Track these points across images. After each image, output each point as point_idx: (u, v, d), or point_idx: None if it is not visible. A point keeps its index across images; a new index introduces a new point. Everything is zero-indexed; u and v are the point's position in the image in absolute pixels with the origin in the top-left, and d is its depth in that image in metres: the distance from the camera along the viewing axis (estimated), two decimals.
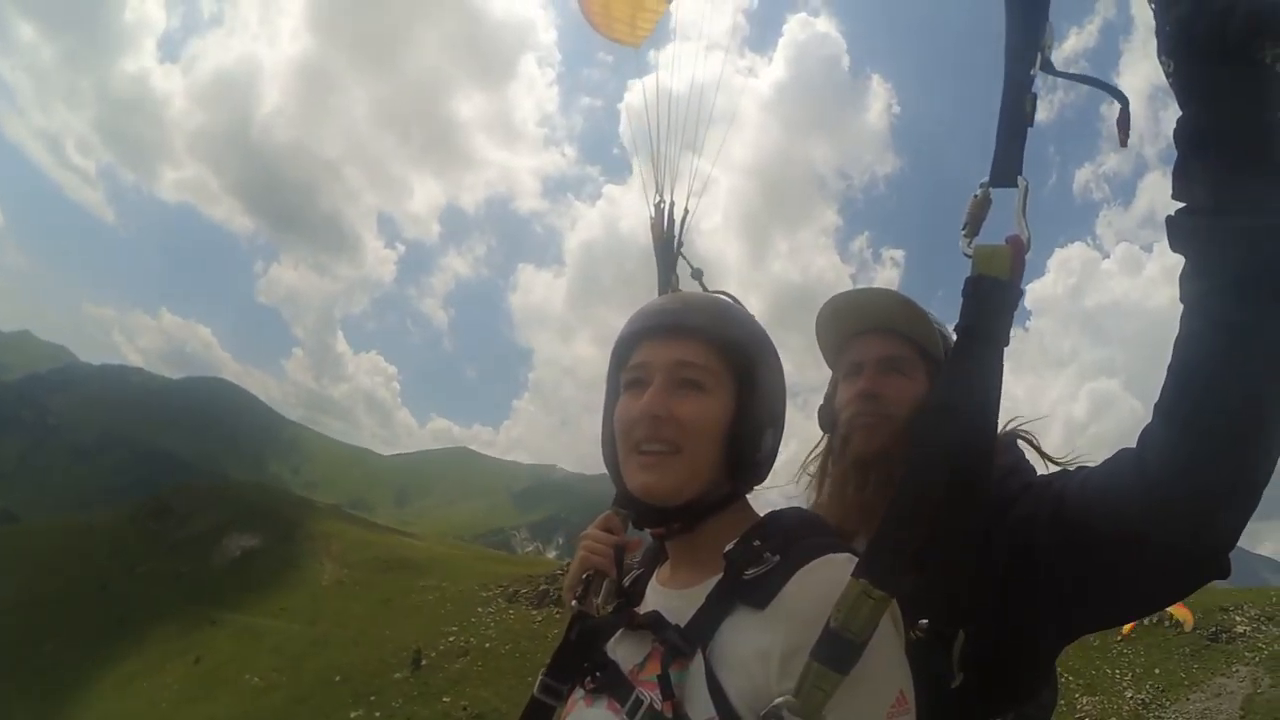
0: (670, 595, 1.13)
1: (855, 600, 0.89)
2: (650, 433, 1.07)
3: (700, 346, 1.10)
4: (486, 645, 41.55)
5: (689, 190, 2.40)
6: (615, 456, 1.15)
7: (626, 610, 1.17)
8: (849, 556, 0.99)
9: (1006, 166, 0.99)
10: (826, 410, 1.57)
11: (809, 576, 0.97)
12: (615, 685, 1.06)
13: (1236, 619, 27.89)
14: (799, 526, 1.08)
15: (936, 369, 1.46)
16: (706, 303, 1.18)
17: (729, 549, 1.04)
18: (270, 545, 65.04)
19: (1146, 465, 1.02)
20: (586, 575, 1.39)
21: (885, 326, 1.50)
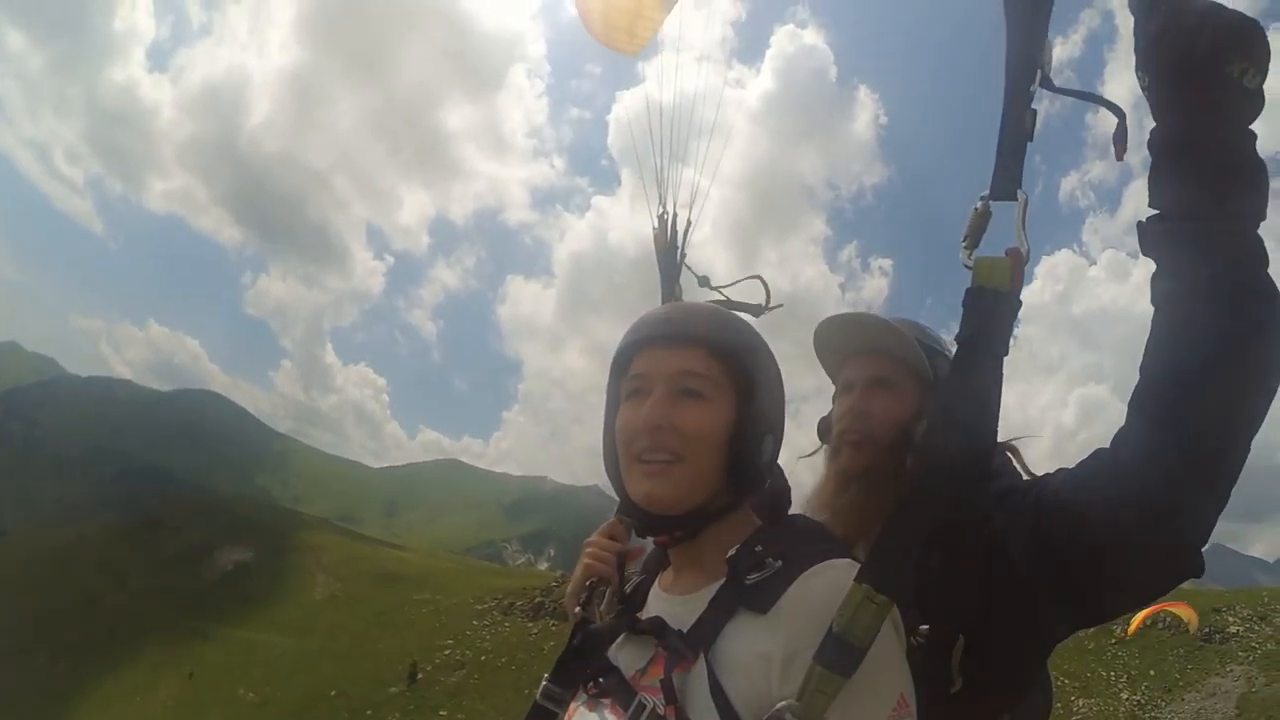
0: (672, 601, 1.13)
1: (858, 605, 0.90)
2: (652, 442, 1.07)
3: (700, 355, 1.10)
4: (482, 658, 41.27)
5: (691, 201, 2.39)
6: (617, 466, 1.16)
7: (629, 616, 1.18)
8: (850, 562, 1.01)
9: (1006, 181, 1.02)
10: (825, 422, 1.64)
11: (811, 581, 0.98)
12: (618, 690, 1.06)
13: (1229, 619, 28.10)
14: (801, 532, 1.10)
15: (923, 385, 1.53)
16: (705, 312, 1.18)
17: (731, 554, 1.04)
18: (262, 559, 64.48)
19: (1120, 463, 1.04)
20: (590, 583, 1.42)
21: (873, 348, 1.57)
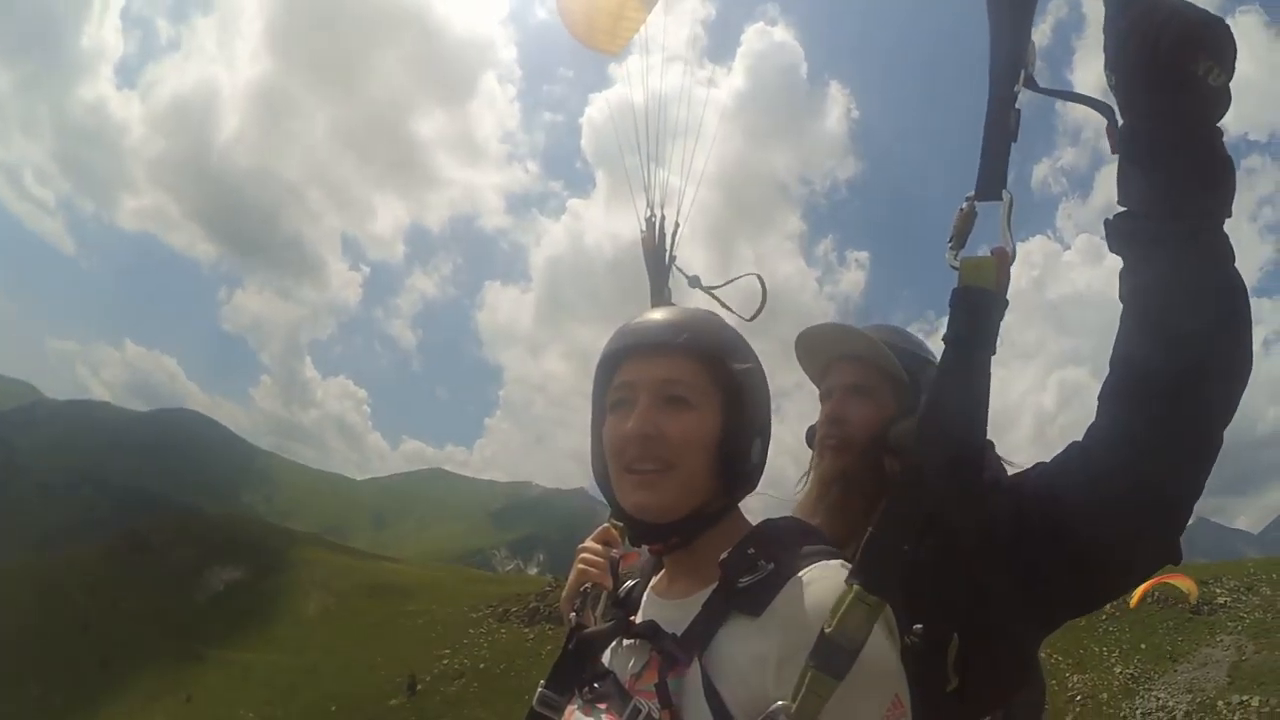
0: (666, 605, 1.14)
1: (850, 606, 0.90)
2: (641, 452, 1.07)
3: (685, 362, 1.10)
4: (481, 666, 41.25)
5: (679, 202, 2.41)
6: (607, 476, 1.15)
7: (623, 620, 1.18)
8: (842, 563, 1.01)
9: (992, 181, 1.02)
10: (811, 430, 1.68)
11: (803, 583, 0.98)
12: (614, 695, 1.06)
13: (1217, 591, 28.70)
14: (792, 534, 1.09)
15: (899, 388, 1.57)
16: (688, 317, 1.17)
17: (723, 558, 1.04)
18: (253, 577, 63.94)
19: (1091, 456, 1.05)
20: (584, 588, 1.45)
21: (849, 355, 1.62)
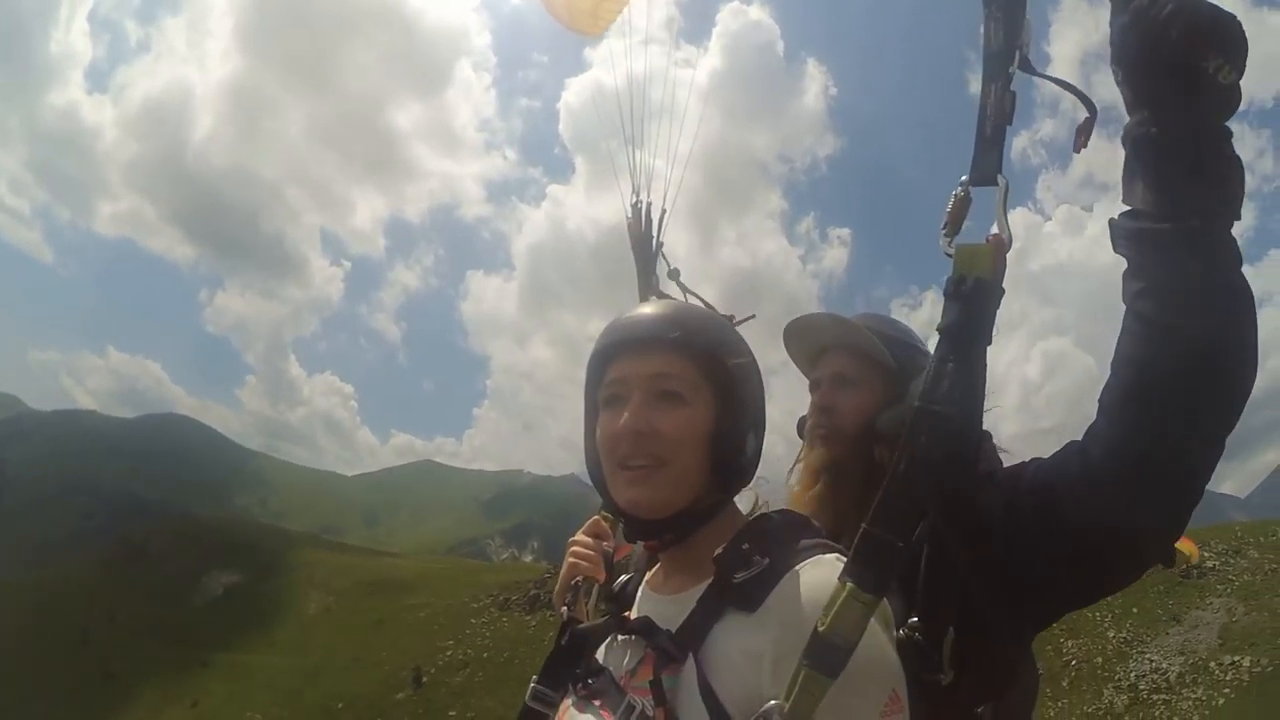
0: (661, 601, 1.12)
1: (843, 604, 0.88)
2: (634, 448, 1.06)
3: (676, 357, 1.08)
4: (485, 655, 41.53)
5: (665, 189, 2.37)
6: (601, 473, 1.15)
7: (617, 616, 1.17)
8: (838, 557, 1.00)
9: (987, 166, 0.99)
10: (802, 421, 1.69)
11: (799, 579, 0.97)
12: (607, 691, 1.05)
13: (1205, 555, 29.21)
14: (787, 529, 1.08)
15: (889, 377, 1.57)
16: (678, 312, 1.17)
17: (718, 553, 1.02)
18: (251, 579, 63.82)
19: (1089, 457, 1.03)
20: (575, 582, 1.44)
21: (833, 344, 1.63)
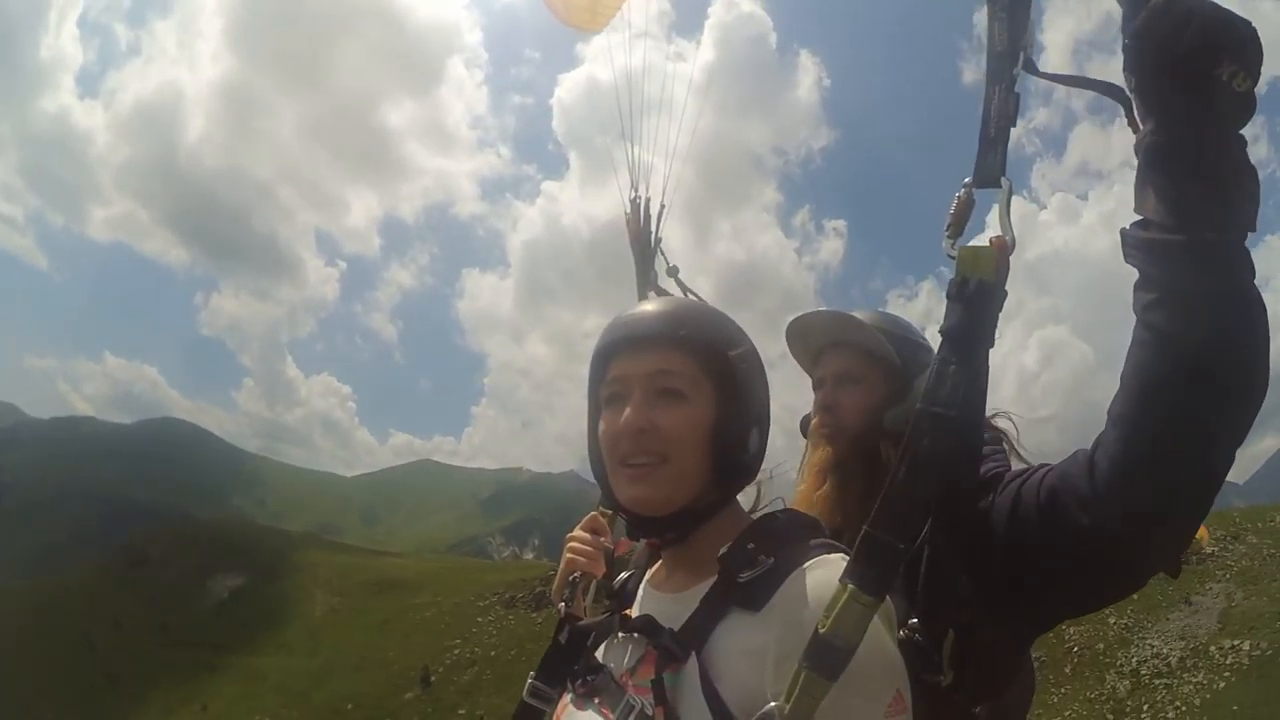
0: (663, 599, 1.11)
1: (844, 605, 0.87)
2: (635, 446, 1.05)
3: (676, 354, 1.08)
4: (492, 653, 41.68)
5: (663, 184, 2.36)
6: (603, 471, 1.14)
7: (618, 613, 1.16)
8: (843, 557, 0.98)
9: (990, 167, 0.99)
10: (805, 420, 1.70)
11: (804, 579, 0.96)
12: (606, 689, 1.04)
13: (1205, 540, 29.60)
14: (793, 528, 1.07)
15: (888, 369, 1.57)
16: (679, 309, 1.16)
17: (723, 552, 1.01)
18: (256, 582, 63.71)
19: (1096, 466, 1.02)
20: (573, 578, 1.44)
21: (839, 342, 1.63)
